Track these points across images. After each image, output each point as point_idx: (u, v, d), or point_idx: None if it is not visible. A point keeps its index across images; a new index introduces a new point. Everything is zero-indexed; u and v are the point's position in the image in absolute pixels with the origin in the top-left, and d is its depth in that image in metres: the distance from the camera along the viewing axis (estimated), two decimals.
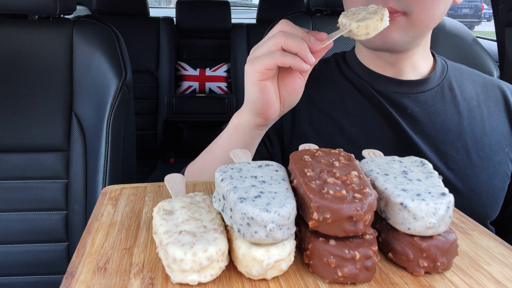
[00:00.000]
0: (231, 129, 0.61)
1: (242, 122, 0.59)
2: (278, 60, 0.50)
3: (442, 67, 0.75)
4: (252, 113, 0.57)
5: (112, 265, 0.38)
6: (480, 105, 0.73)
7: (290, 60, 0.50)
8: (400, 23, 0.62)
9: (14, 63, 1.08)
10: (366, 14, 0.54)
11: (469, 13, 11.56)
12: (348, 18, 0.53)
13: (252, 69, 0.53)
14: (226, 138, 0.61)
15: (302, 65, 0.50)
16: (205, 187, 0.54)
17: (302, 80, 0.56)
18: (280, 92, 0.56)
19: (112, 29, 1.15)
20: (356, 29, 0.52)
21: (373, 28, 0.53)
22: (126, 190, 0.53)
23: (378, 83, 0.72)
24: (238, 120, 0.60)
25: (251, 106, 0.56)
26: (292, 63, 0.50)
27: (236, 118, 0.60)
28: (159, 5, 7.07)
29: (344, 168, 0.40)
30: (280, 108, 0.57)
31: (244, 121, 0.59)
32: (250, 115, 0.58)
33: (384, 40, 0.64)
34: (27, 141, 1.07)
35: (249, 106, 0.57)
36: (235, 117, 0.60)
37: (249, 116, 0.58)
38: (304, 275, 0.37)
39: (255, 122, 0.58)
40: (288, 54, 0.50)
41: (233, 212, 0.36)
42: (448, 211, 0.37)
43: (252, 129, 0.59)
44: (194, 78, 2.62)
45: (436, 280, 0.37)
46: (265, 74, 0.52)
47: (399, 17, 0.62)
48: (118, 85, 1.09)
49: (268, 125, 0.60)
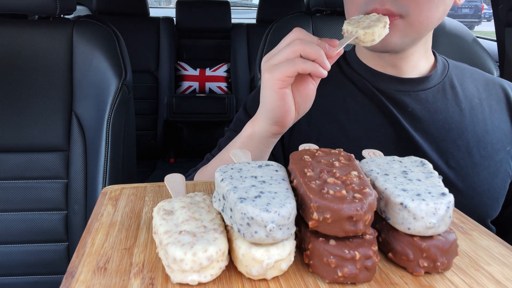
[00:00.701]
0: (244, 138, 0.60)
1: (258, 131, 0.58)
2: (299, 67, 0.51)
3: (443, 66, 0.75)
4: (269, 122, 0.57)
5: (112, 265, 0.38)
6: (482, 103, 0.73)
7: (310, 67, 0.51)
8: (398, 25, 0.63)
9: (14, 63, 1.08)
10: (370, 22, 0.56)
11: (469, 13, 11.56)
12: (353, 26, 0.56)
13: (272, 77, 0.52)
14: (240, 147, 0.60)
15: (321, 71, 0.51)
16: (205, 187, 0.54)
17: (314, 86, 0.57)
18: (294, 99, 0.56)
19: (112, 29, 1.15)
20: (363, 36, 0.54)
21: (378, 35, 0.55)
22: (126, 190, 0.53)
23: (379, 81, 0.72)
24: (252, 129, 0.59)
25: (269, 114, 0.56)
26: (312, 69, 0.51)
27: (250, 127, 0.59)
28: (159, 5, 7.07)
29: (344, 168, 0.40)
30: (294, 115, 0.57)
31: (259, 131, 0.58)
32: (267, 124, 0.57)
33: (383, 44, 0.64)
34: (27, 141, 1.07)
35: (267, 115, 0.56)
36: (248, 127, 0.60)
37: (265, 125, 0.57)
38: (304, 275, 0.37)
39: (272, 131, 0.58)
40: (308, 61, 0.51)
41: (233, 212, 0.36)
42: (448, 211, 0.37)
43: (268, 138, 0.59)
44: (194, 78, 2.61)
45: (436, 280, 0.37)
46: (286, 81, 0.52)
47: (397, 20, 0.62)
48: (118, 85, 1.09)
49: (282, 133, 0.59)
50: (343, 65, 0.76)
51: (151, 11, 2.60)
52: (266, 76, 0.53)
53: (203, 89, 2.63)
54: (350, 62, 0.76)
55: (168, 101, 2.39)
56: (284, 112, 0.55)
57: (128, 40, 1.28)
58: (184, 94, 2.60)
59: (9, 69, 1.08)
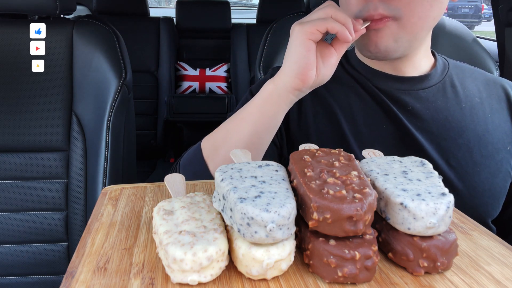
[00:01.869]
0: (265, 94, 0.62)
1: (279, 85, 0.60)
2: (330, 25, 0.55)
3: (443, 65, 0.75)
4: (291, 74, 0.59)
5: (112, 265, 0.38)
6: (483, 102, 0.73)
7: (339, 27, 0.55)
8: (391, 28, 0.63)
9: (14, 63, 1.08)
10: None
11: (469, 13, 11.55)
12: None
13: (302, 28, 0.57)
14: (259, 103, 0.62)
15: (347, 35, 0.56)
16: (205, 187, 0.54)
17: (337, 58, 0.61)
18: (317, 63, 0.59)
19: (112, 29, 1.15)
20: None
21: None
22: (126, 190, 0.53)
23: (379, 80, 0.72)
24: (274, 84, 0.61)
25: (293, 66, 0.58)
26: (340, 29, 0.56)
27: (271, 84, 0.61)
28: (159, 5, 7.07)
29: (344, 168, 0.40)
30: (315, 76, 0.59)
31: (281, 85, 0.60)
32: (289, 77, 0.59)
33: (378, 50, 0.64)
34: (27, 141, 1.07)
35: (290, 67, 0.59)
36: (268, 84, 0.62)
37: (287, 78, 0.59)
38: (304, 275, 0.37)
39: (293, 85, 0.59)
40: (337, 22, 0.56)
41: (233, 212, 0.36)
42: (448, 211, 0.37)
43: (288, 92, 0.60)
44: (194, 78, 2.61)
45: (436, 280, 0.37)
46: (314, 34, 0.56)
47: (389, 21, 0.62)
48: (118, 85, 1.09)
49: (302, 92, 0.61)
50: (345, 64, 0.76)
51: (151, 11, 2.60)
52: (297, 28, 0.57)
53: (203, 89, 2.63)
54: (351, 61, 0.76)
55: (168, 101, 2.39)
56: (308, 64, 0.58)
57: (128, 40, 1.28)
58: (184, 94, 2.60)
59: (9, 69, 1.08)
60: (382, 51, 0.65)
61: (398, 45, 0.64)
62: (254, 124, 0.61)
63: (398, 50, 0.65)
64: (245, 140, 0.61)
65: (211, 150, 0.63)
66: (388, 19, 0.62)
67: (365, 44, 0.65)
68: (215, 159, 0.63)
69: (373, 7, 0.61)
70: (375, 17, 0.62)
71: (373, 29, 0.63)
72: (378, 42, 0.64)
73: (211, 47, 2.74)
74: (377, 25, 0.62)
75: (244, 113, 0.63)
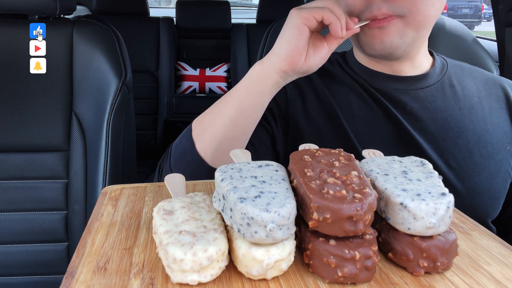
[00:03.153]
0: (252, 73, 0.62)
1: (266, 66, 0.61)
2: (326, 15, 0.57)
3: (441, 65, 0.75)
4: (281, 55, 0.59)
5: (112, 265, 0.38)
6: (482, 102, 0.73)
7: (333, 18, 0.57)
8: (397, 24, 0.63)
9: (14, 63, 1.08)
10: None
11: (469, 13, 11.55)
12: None
13: (298, 13, 0.58)
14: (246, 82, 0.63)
15: (339, 29, 0.57)
16: (205, 187, 0.54)
17: (327, 51, 0.62)
18: (308, 50, 0.60)
19: (112, 29, 1.15)
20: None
21: None
22: (126, 190, 0.53)
23: (377, 81, 0.72)
24: (261, 65, 0.62)
25: (283, 46, 0.59)
26: (334, 21, 0.57)
27: (259, 64, 0.62)
28: (159, 5, 7.07)
29: (344, 168, 0.40)
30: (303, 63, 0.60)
31: (268, 65, 0.61)
32: (277, 58, 0.60)
33: (383, 46, 0.64)
34: (27, 141, 1.07)
35: (281, 47, 0.60)
36: (256, 64, 0.62)
37: (275, 58, 0.60)
38: (304, 275, 0.37)
39: (279, 66, 0.60)
40: (333, 14, 0.57)
41: (233, 212, 0.36)
42: (448, 211, 0.37)
43: (274, 73, 0.61)
44: (194, 78, 2.61)
45: (436, 280, 0.37)
46: (309, 20, 0.57)
47: (395, 19, 0.63)
48: (118, 85, 1.09)
49: (288, 75, 0.61)
50: (343, 64, 0.76)
51: (151, 11, 2.60)
52: (294, 12, 0.59)
53: (203, 89, 2.63)
54: (349, 62, 0.76)
55: (168, 101, 2.39)
56: (298, 48, 0.59)
57: (128, 40, 1.28)
58: (184, 94, 2.60)
59: (9, 69, 1.07)
60: (387, 48, 0.65)
61: (403, 41, 0.65)
62: (241, 102, 0.61)
63: (402, 46, 0.65)
64: (231, 118, 0.61)
65: (200, 129, 0.64)
66: (393, 17, 0.63)
67: (370, 42, 0.65)
68: (202, 137, 0.63)
69: (376, 7, 0.62)
70: (379, 17, 0.62)
71: (378, 27, 0.63)
72: (384, 38, 0.64)
73: (211, 47, 2.74)
74: (382, 23, 0.63)
75: (233, 92, 0.64)
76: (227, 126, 0.61)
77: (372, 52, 0.67)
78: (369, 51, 0.67)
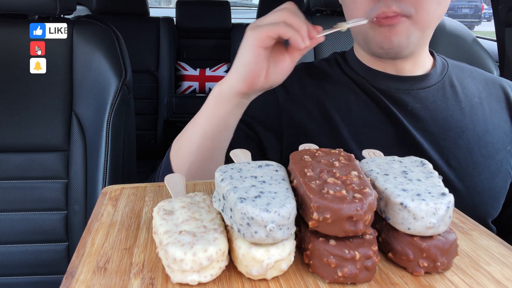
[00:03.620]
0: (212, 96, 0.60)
1: (224, 89, 0.58)
2: (281, 30, 0.52)
3: (442, 65, 0.75)
4: (239, 78, 0.56)
5: (112, 265, 0.38)
6: (482, 102, 0.73)
7: (291, 32, 0.52)
8: (406, 24, 0.64)
9: (14, 63, 1.08)
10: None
11: (469, 13, 11.56)
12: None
13: (252, 34, 0.54)
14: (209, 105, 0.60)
15: (299, 41, 0.52)
16: (205, 187, 0.54)
17: (291, 63, 0.58)
18: (268, 68, 0.57)
19: (112, 29, 1.15)
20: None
21: None
22: (126, 190, 0.53)
23: (378, 80, 0.72)
24: (219, 88, 0.59)
25: (241, 69, 0.56)
26: (292, 35, 0.52)
27: (218, 86, 0.59)
28: (159, 5, 7.07)
29: (344, 168, 0.40)
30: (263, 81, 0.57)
31: (226, 88, 0.58)
32: (235, 80, 0.57)
33: (391, 46, 0.65)
34: (27, 141, 1.07)
35: (238, 70, 0.57)
36: (216, 86, 0.60)
37: (234, 80, 0.57)
38: (304, 275, 0.37)
39: (238, 88, 0.57)
40: (290, 27, 0.52)
41: (233, 212, 0.36)
42: (448, 211, 0.37)
43: (234, 96, 0.58)
44: (194, 78, 2.62)
45: (436, 280, 0.37)
46: (265, 41, 0.53)
47: (402, 19, 0.63)
48: (118, 85, 1.09)
49: (248, 97, 0.59)
50: (343, 65, 0.76)
51: (151, 11, 2.60)
52: (248, 33, 0.55)
53: (203, 89, 2.63)
54: (349, 61, 0.76)
55: (168, 101, 2.39)
56: (255, 71, 0.55)
57: (128, 40, 1.28)
58: (184, 94, 2.60)
59: (9, 69, 1.07)
60: (395, 47, 0.65)
61: (409, 41, 0.65)
62: (205, 126, 0.59)
63: (409, 46, 0.66)
64: (197, 143, 0.60)
65: (176, 149, 0.63)
66: (401, 16, 0.63)
67: (378, 41, 0.66)
68: (177, 158, 0.62)
69: (385, 5, 0.62)
70: (388, 14, 0.62)
71: (387, 25, 0.63)
72: (393, 38, 0.64)
73: (211, 47, 2.74)
74: (392, 21, 0.63)
75: (197, 116, 0.62)
76: (195, 150, 0.60)
77: (379, 51, 0.67)
78: (376, 50, 0.67)
